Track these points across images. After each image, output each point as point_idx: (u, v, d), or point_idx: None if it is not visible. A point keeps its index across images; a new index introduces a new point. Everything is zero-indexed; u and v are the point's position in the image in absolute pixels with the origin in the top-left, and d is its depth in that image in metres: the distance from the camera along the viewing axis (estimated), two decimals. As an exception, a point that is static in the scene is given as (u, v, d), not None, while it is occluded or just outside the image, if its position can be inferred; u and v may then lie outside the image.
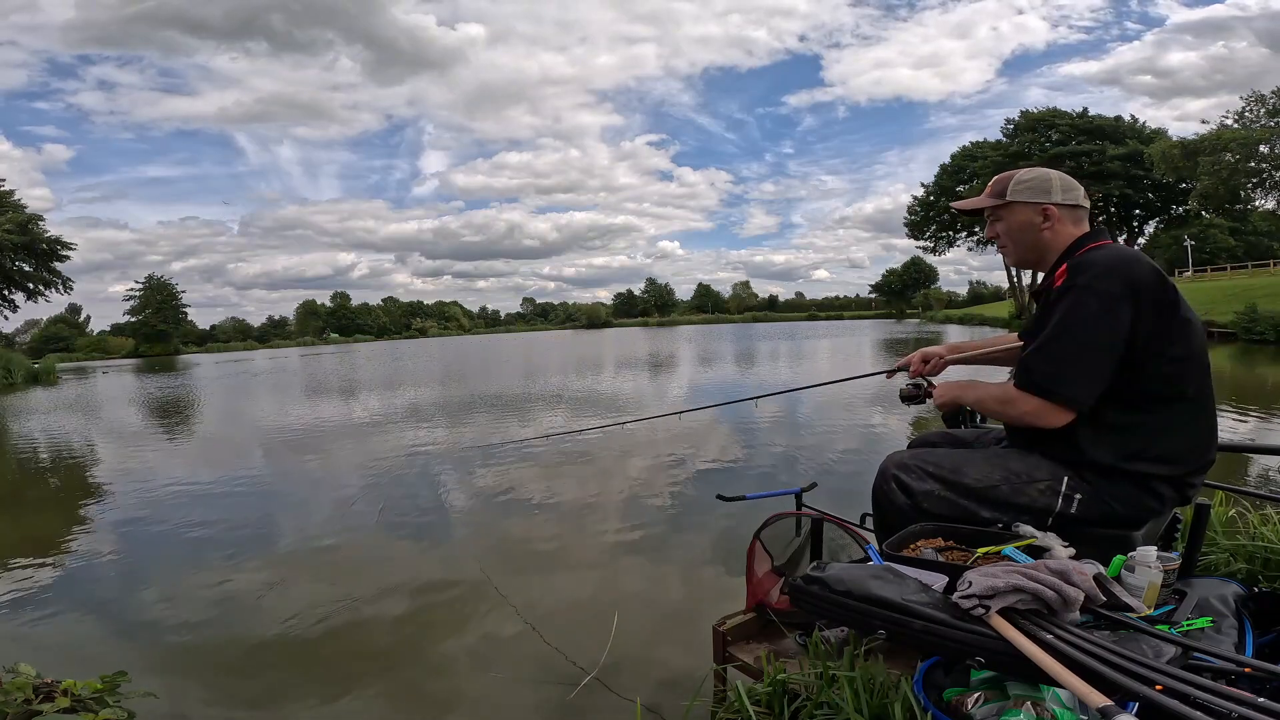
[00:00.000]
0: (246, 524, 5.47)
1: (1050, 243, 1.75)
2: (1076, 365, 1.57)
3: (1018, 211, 1.76)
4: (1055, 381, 1.59)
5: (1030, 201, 1.74)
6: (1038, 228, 1.74)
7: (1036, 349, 1.63)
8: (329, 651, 3.20)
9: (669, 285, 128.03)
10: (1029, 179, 1.76)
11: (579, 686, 2.62)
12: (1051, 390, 1.59)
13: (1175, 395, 1.60)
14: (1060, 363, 1.58)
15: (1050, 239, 1.74)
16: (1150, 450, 1.59)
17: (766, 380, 15.92)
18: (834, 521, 2.31)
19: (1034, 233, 1.75)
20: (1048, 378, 1.60)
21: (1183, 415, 1.61)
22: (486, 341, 64.82)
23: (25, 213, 36.79)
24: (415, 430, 10.11)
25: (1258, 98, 31.43)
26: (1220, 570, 2.18)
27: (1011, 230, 1.79)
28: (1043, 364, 1.61)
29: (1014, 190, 1.76)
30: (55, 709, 1.70)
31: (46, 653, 3.19)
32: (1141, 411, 1.60)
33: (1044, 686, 1.22)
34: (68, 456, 9.76)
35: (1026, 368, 1.65)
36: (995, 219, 1.82)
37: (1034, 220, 1.74)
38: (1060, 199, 1.73)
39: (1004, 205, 1.78)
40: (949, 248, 57.78)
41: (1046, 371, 1.60)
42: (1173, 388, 1.59)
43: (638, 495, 5.70)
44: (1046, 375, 1.60)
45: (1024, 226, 1.76)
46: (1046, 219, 1.73)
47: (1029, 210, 1.75)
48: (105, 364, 54.98)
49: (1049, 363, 1.60)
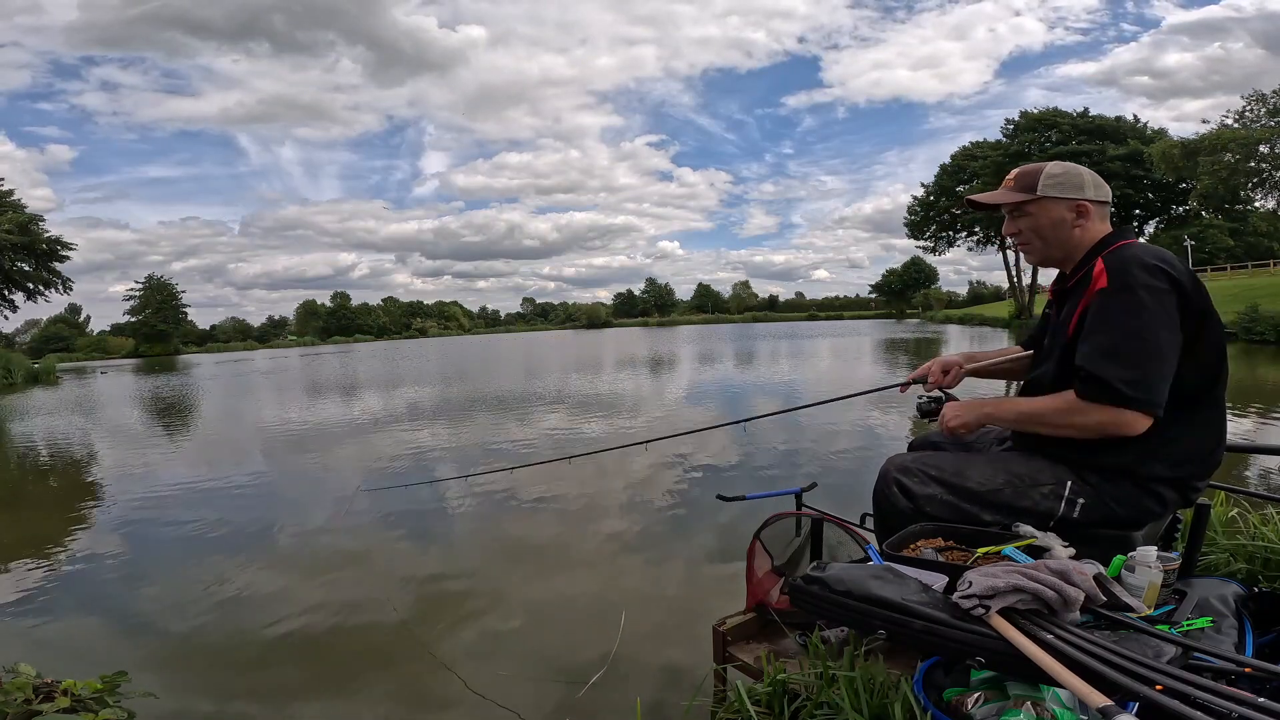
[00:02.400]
0: (247, 523, 5.47)
1: (1080, 240, 1.67)
2: (1156, 368, 1.48)
3: (1049, 207, 1.66)
4: (1139, 388, 1.47)
5: (1063, 197, 1.65)
6: (1070, 224, 1.66)
7: (1107, 354, 1.49)
8: (331, 650, 3.20)
9: (669, 285, 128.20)
10: (1060, 173, 1.67)
11: (587, 685, 2.61)
12: (1137, 398, 1.47)
13: (1196, 398, 1.55)
14: (1140, 367, 1.47)
15: (1080, 236, 1.66)
16: (1163, 452, 1.55)
17: (766, 381, 15.90)
18: (834, 521, 2.31)
19: (1065, 229, 1.67)
20: (1132, 385, 1.47)
21: (1199, 417, 1.58)
22: (486, 342, 64.74)
23: (25, 213, 36.80)
24: (415, 430, 10.10)
25: (1258, 97, 31.37)
26: (1220, 570, 2.17)
27: (1040, 227, 1.69)
28: (1121, 370, 1.47)
29: (1045, 185, 1.66)
30: (55, 709, 1.70)
31: (46, 652, 3.19)
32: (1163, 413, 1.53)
33: (1044, 686, 1.22)
34: (68, 456, 9.76)
35: (1101, 377, 1.49)
36: (1019, 215, 1.71)
37: (1066, 217, 1.66)
38: (1093, 195, 1.66)
39: (1033, 200, 1.68)
40: (949, 248, 57.91)
41: (1128, 378, 1.47)
42: (1195, 390, 1.55)
43: (638, 495, 5.70)
44: (1129, 382, 1.47)
45: (1056, 223, 1.67)
46: (1080, 215, 1.65)
47: (1061, 206, 1.66)
48: (104, 364, 54.93)
49: (1128, 368, 1.47)
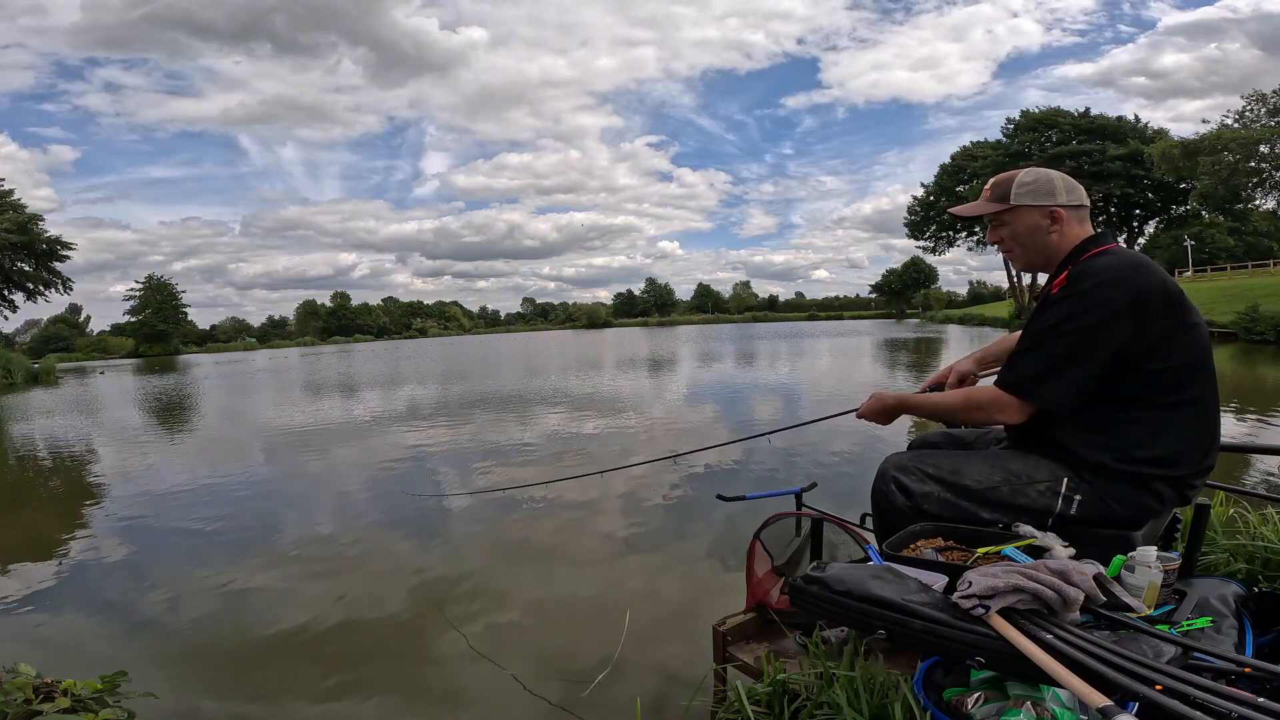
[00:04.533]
0: (247, 522, 5.47)
1: (1058, 245, 1.70)
2: (1053, 364, 1.58)
3: (1023, 215, 1.71)
4: (1036, 382, 1.60)
5: (1036, 204, 1.69)
6: (1045, 230, 1.70)
7: (1024, 350, 1.64)
8: (333, 649, 3.20)
9: (669, 285, 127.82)
10: (1031, 181, 1.71)
11: (592, 685, 2.61)
12: (1031, 391, 1.60)
13: (1177, 399, 1.58)
14: (1036, 359, 1.60)
15: (1058, 241, 1.70)
16: (1149, 452, 1.57)
17: (774, 382, 15.91)
18: (834, 521, 2.30)
19: (1041, 236, 1.71)
20: (1031, 378, 1.60)
21: (1184, 418, 1.59)
22: (486, 342, 64.75)
23: (25, 213, 36.81)
24: (416, 430, 10.11)
25: (1258, 97, 31.40)
26: (1220, 570, 2.18)
27: (1018, 235, 1.74)
28: (1029, 363, 1.62)
29: (1017, 194, 1.70)
30: (55, 709, 1.70)
31: (46, 652, 3.19)
32: (1141, 414, 1.59)
33: (1044, 686, 1.22)
34: (68, 456, 9.76)
35: (1012, 366, 1.65)
36: (999, 224, 1.77)
37: (1040, 223, 1.70)
38: (1065, 200, 1.69)
39: (1008, 210, 1.72)
40: (949, 248, 58.00)
41: (1031, 371, 1.61)
42: (1174, 392, 1.57)
43: (638, 494, 5.70)
44: (1030, 375, 1.61)
45: (1031, 230, 1.71)
46: (1054, 221, 1.69)
47: (1035, 214, 1.70)
48: (104, 364, 54.94)
49: (1027, 359, 1.62)
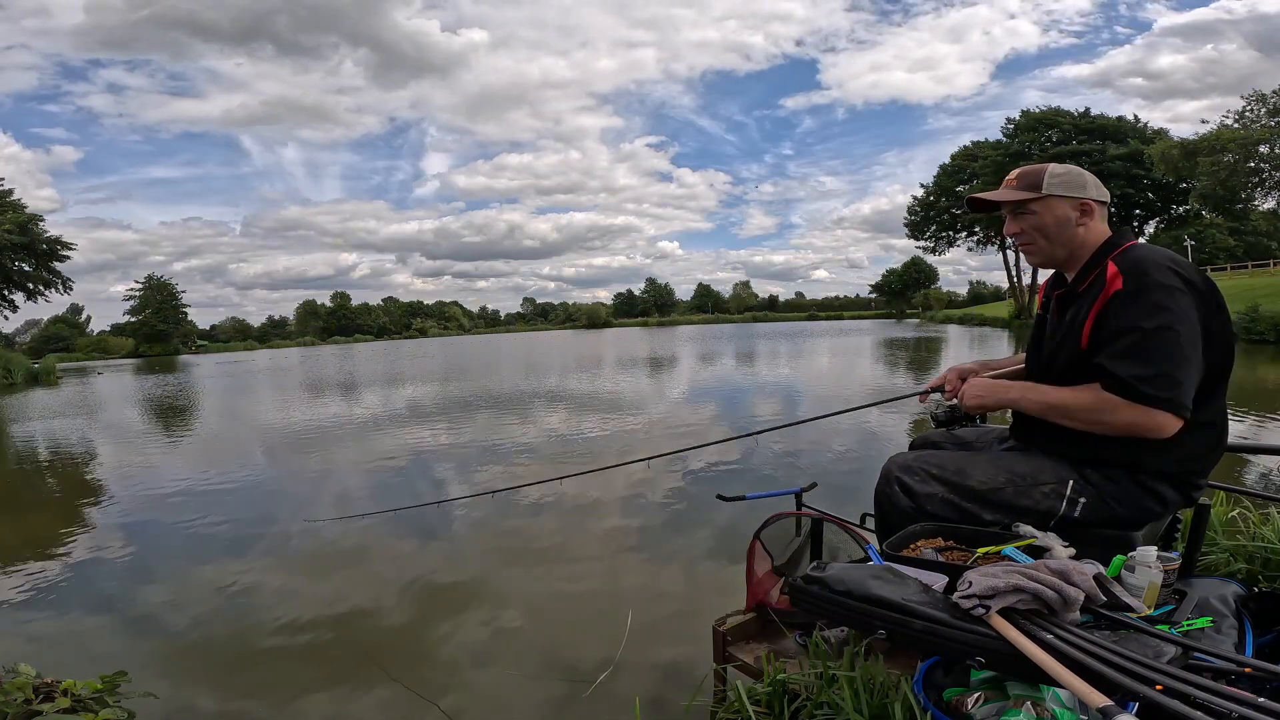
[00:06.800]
0: (247, 522, 5.47)
1: (1084, 239, 1.67)
2: (1183, 370, 1.47)
3: (1054, 206, 1.66)
4: (1167, 388, 1.46)
5: (1069, 195, 1.65)
6: (1074, 223, 1.66)
7: (1134, 357, 1.48)
8: (333, 649, 3.20)
9: (669, 285, 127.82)
10: (1063, 173, 1.67)
11: (594, 685, 2.61)
12: (1168, 399, 1.46)
13: (1203, 395, 1.53)
14: (1166, 368, 1.46)
15: (1084, 235, 1.67)
16: (1168, 450, 1.54)
17: (772, 382, 15.90)
18: (834, 521, 2.30)
19: (1069, 229, 1.67)
20: (1159, 385, 1.46)
21: (1203, 415, 1.56)
22: (486, 342, 64.71)
23: (25, 213, 36.78)
24: (417, 430, 10.11)
25: (1258, 97, 31.32)
26: (1220, 570, 2.18)
27: (1045, 226, 1.69)
28: (1148, 371, 1.46)
29: (1050, 184, 1.66)
30: (55, 709, 1.70)
31: (47, 652, 3.19)
32: None
33: (1044, 686, 1.22)
34: (69, 456, 9.76)
35: (1129, 378, 1.48)
36: (1023, 214, 1.71)
37: (1071, 215, 1.66)
38: (1096, 195, 1.66)
39: (1039, 199, 1.68)
40: (949, 248, 58.04)
41: (1156, 380, 1.46)
42: (1202, 387, 1.53)
43: (638, 494, 5.70)
44: (1157, 383, 1.46)
45: (1061, 221, 1.67)
46: (1084, 214, 1.66)
47: (1066, 205, 1.66)
48: (103, 364, 54.90)
49: (1155, 370, 1.46)
